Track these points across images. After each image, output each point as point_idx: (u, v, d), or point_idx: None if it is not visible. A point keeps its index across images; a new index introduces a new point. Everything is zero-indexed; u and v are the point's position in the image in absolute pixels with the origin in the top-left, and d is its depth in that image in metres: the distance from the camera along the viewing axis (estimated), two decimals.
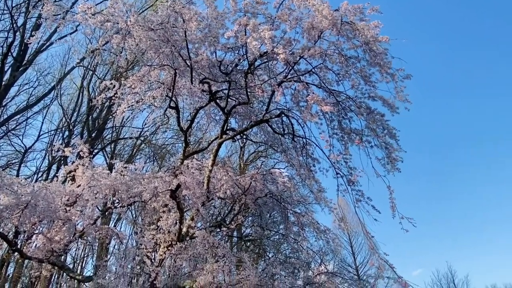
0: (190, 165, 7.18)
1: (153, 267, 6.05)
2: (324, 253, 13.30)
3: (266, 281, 5.68)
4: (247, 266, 6.11)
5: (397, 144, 5.54)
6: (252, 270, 5.94)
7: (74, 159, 7.96)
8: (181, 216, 6.24)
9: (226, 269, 5.77)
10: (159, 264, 6.12)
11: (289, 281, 6.05)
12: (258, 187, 8.28)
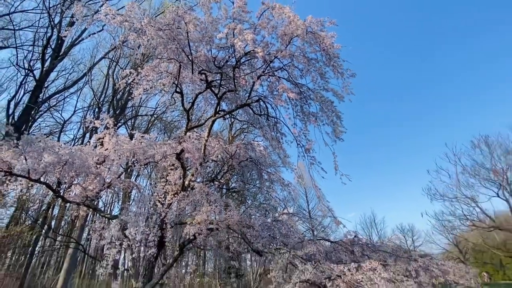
0: (191, 136, 7.13)
1: (163, 209, 6.12)
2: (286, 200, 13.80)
3: (245, 219, 5.84)
4: (232, 209, 6.26)
5: (341, 123, 5.67)
6: (235, 211, 6.09)
7: (103, 130, 7.79)
8: (184, 173, 6.25)
9: (216, 211, 5.90)
10: (168, 207, 6.19)
11: (261, 219, 6.25)
12: (241, 154, 8.38)
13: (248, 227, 5.66)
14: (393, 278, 3.10)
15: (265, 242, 5.41)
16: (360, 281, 3.01)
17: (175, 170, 6.68)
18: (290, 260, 3.90)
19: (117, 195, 13.73)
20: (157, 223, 6.43)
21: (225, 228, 5.92)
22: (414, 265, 4.18)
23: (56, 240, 19.54)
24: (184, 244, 6.71)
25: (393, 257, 4.61)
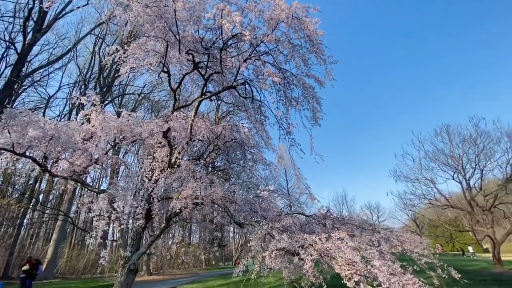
0: (178, 115, 6.95)
1: (150, 184, 6.05)
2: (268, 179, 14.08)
3: (229, 194, 5.91)
4: (216, 185, 6.29)
5: (320, 108, 5.73)
6: (219, 187, 6.13)
7: (89, 107, 7.43)
8: (171, 151, 6.15)
9: (202, 187, 5.90)
10: (155, 182, 6.13)
11: (244, 195, 6.34)
12: (226, 134, 8.32)
13: (231, 202, 5.74)
14: (358, 247, 3.30)
15: (246, 215, 5.54)
16: (329, 249, 3.18)
17: (162, 148, 6.55)
18: (268, 231, 4.03)
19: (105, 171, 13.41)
20: (145, 198, 6.37)
21: (209, 203, 5.98)
22: (377, 236, 4.45)
23: (45, 213, 19.03)
24: (171, 217, 6.73)
25: (360, 230, 4.88)
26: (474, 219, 18.25)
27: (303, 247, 3.32)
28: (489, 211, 17.32)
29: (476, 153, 18.04)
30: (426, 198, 20.51)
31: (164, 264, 25.44)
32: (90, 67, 18.90)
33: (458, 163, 18.81)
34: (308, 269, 3.12)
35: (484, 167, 17.93)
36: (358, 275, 2.77)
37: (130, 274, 6.33)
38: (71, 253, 21.55)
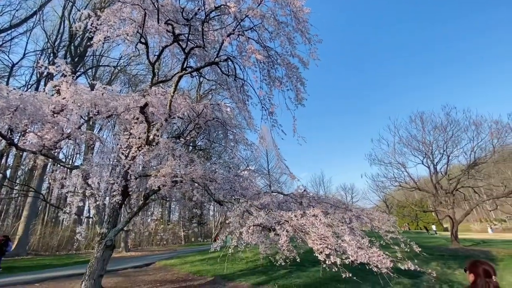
0: (157, 91, 6.66)
1: (127, 161, 5.88)
2: (249, 159, 14.23)
3: (209, 173, 5.90)
4: (196, 163, 6.25)
5: (304, 89, 5.71)
6: (199, 166, 6.10)
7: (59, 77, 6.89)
8: (149, 127, 5.94)
9: (181, 165, 5.83)
10: (132, 159, 5.96)
11: (224, 174, 6.37)
12: (208, 113, 8.16)
13: (211, 181, 5.75)
14: (331, 223, 3.49)
15: (226, 193, 5.60)
16: (304, 225, 3.34)
17: (139, 124, 6.31)
18: (247, 208, 4.13)
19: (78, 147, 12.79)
20: (121, 174, 6.21)
21: (189, 181, 5.94)
22: (349, 214, 4.72)
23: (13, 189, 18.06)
24: (149, 195, 6.66)
25: (333, 208, 5.13)
26: (437, 200, 19.80)
27: (279, 223, 3.46)
28: (451, 194, 18.83)
29: (445, 140, 19.22)
30: (397, 181, 21.82)
31: (143, 241, 25.55)
32: (59, 33, 17.25)
33: (428, 149, 19.98)
34: (283, 244, 3.27)
35: (451, 153, 19.23)
36: (329, 249, 2.96)
37: (107, 250, 6.30)
38: (44, 230, 20.95)
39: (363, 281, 7.82)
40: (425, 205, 33.63)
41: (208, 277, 9.40)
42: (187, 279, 9.26)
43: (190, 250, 19.90)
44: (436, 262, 11.74)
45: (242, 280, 8.73)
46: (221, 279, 9.01)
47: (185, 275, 9.93)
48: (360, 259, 2.86)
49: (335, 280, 7.99)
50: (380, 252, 2.92)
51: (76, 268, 11.28)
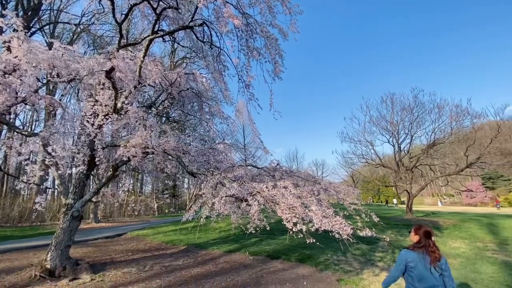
0: (125, 55, 6.13)
1: (92, 129, 5.52)
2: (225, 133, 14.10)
3: (182, 145, 5.77)
4: (169, 135, 6.07)
5: (282, 62, 5.59)
6: (172, 137, 5.93)
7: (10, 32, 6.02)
8: (116, 94, 5.54)
9: (152, 135, 5.62)
10: (98, 128, 5.60)
11: (198, 147, 6.28)
12: (182, 83, 7.77)
13: (184, 153, 5.66)
14: (300, 195, 3.66)
15: (200, 165, 5.57)
16: (274, 195, 3.47)
17: (105, 90, 5.86)
18: (220, 180, 4.17)
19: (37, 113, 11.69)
20: (86, 143, 5.86)
21: (161, 153, 5.79)
22: (317, 187, 4.97)
23: None
24: (118, 165, 6.42)
25: (304, 181, 5.36)
26: (398, 176, 21.56)
27: (252, 194, 3.55)
28: (410, 171, 20.57)
29: (410, 121, 20.49)
30: (364, 157, 23.20)
31: (114, 212, 25.13)
32: None
33: (395, 129, 21.23)
34: (254, 214, 3.40)
35: (415, 133, 20.66)
36: (296, 217, 3.13)
37: (73, 221, 6.12)
38: (3, 201, 19.65)
39: (326, 247, 8.51)
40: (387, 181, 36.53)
41: (181, 246, 9.63)
42: (160, 248, 9.41)
43: (164, 221, 20.04)
44: (391, 230, 13.08)
45: (214, 248, 9.08)
46: (194, 247, 9.29)
47: (158, 245, 10.08)
48: (324, 227, 3.09)
49: (301, 247, 8.62)
50: (342, 221, 3.17)
51: (41, 240, 10.89)
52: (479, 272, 6.12)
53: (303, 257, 7.51)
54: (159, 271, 6.30)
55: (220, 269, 6.58)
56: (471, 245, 9.68)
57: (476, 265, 6.78)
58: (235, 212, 4.06)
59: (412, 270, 2.44)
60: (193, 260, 7.50)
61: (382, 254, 7.98)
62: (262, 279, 5.76)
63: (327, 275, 6.01)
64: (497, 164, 20.27)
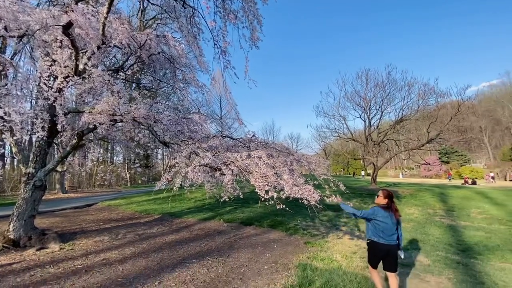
0: (86, 9, 5.44)
1: (51, 92, 5.02)
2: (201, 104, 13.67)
3: (153, 113, 5.50)
4: (139, 102, 5.74)
5: (260, 28, 5.34)
6: (143, 105, 5.62)
7: None
8: (76, 53, 5.00)
9: (121, 102, 5.27)
10: (58, 92, 5.11)
11: (171, 115, 6.03)
12: (153, 45, 7.18)
13: (155, 122, 5.42)
14: (273, 164, 3.76)
15: (173, 135, 5.41)
16: (248, 165, 3.53)
17: (63, 48, 5.25)
18: (194, 150, 4.11)
19: None
20: (45, 108, 5.37)
21: (130, 121, 5.49)
22: (290, 158, 5.12)
23: None
24: (83, 133, 6.03)
25: (278, 152, 5.48)
26: (366, 150, 22.88)
27: (226, 164, 3.57)
28: (378, 145, 21.89)
29: (382, 98, 21.32)
30: (336, 132, 24.11)
31: (83, 182, 24.18)
32: None
33: (367, 104, 22.02)
34: (227, 183, 3.45)
35: (385, 109, 21.64)
36: (268, 186, 3.24)
37: (36, 191, 5.80)
38: None
39: (296, 214, 9.06)
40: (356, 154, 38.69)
41: (155, 215, 9.67)
42: (133, 217, 9.38)
43: (137, 191, 19.77)
44: (356, 199, 14.18)
45: (189, 216, 9.25)
46: (169, 216, 9.39)
47: (131, 214, 10.02)
48: (294, 194, 3.25)
49: (273, 214, 9.09)
50: (311, 188, 3.35)
51: (1, 211, 10.28)
52: (427, 234, 6.96)
53: (274, 223, 7.96)
54: (133, 239, 6.34)
55: (194, 235, 6.78)
56: (423, 211, 10.87)
57: (426, 228, 7.68)
58: (209, 182, 4.10)
59: (379, 224, 3.15)
60: (167, 228, 7.62)
61: (346, 220, 8.69)
62: (236, 243, 6.06)
63: (296, 239, 6.47)
64: (454, 141, 22.22)
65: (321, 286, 3.70)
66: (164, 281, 3.98)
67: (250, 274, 4.27)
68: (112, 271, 4.37)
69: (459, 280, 3.98)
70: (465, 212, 10.55)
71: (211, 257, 5.05)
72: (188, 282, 3.97)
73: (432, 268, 4.53)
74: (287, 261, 4.87)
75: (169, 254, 5.24)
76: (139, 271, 4.40)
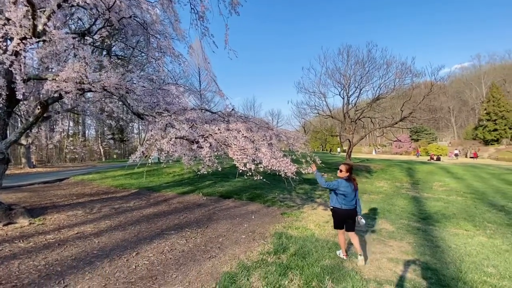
0: None
1: (6, 56, 4.49)
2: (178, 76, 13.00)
3: (125, 83, 5.16)
4: (109, 69, 5.34)
5: None
6: (114, 73, 5.23)
7: None
8: (34, 11, 4.43)
9: (88, 69, 4.86)
10: (14, 55, 4.58)
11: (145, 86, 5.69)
12: (123, 8, 6.54)
13: (128, 92, 5.10)
14: (252, 137, 3.75)
15: (147, 106, 5.16)
16: (227, 137, 3.49)
17: (18, 5, 4.63)
18: (170, 122, 3.96)
19: None
20: (1, 73, 4.84)
21: (100, 90, 5.13)
22: (270, 133, 5.14)
23: None
24: (48, 102, 5.57)
25: (257, 127, 5.47)
26: (343, 127, 23.59)
27: (203, 136, 3.50)
28: (354, 122, 22.59)
29: (361, 75, 21.60)
30: (316, 109, 24.41)
31: (52, 157, 22.90)
32: None
33: (347, 82, 22.27)
34: (205, 155, 3.41)
35: (363, 87, 22.06)
36: (247, 158, 3.26)
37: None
38: None
39: (274, 187, 9.36)
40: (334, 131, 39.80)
41: (132, 189, 9.51)
42: (108, 191, 9.17)
43: (112, 166, 19.17)
44: (331, 173, 14.84)
45: (168, 190, 9.22)
46: (146, 190, 9.29)
47: (107, 188, 9.78)
48: (272, 166, 3.31)
49: (252, 188, 9.32)
50: (288, 160, 3.42)
51: None
52: (394, 205, 7.54)
53: (253, 196, 8.18)
54: (109, 213, 6.24)
55: (173, 208, 6.81)
56: (391, 184, 11.68)
57: (393, 199, 8.31)
58: (186, 155, 4.03)
59: (342, 192, 3.63)
60: (145, 202, 7.56)
61: (321, 193, 9.14)
62: (214, 215, 6.19)
63: (273, 210, 6.74)
64: (424, 119, 23.46)
65: (294, 252, 3.94)
66: (142, 252, 4.03)
67: (228, 243, 4.43)
68: (87, 244, 4.32)
69: (418, 244, 4.41)
70: (428, 185, 11.49)
71: (190, 229, 5.14)
72: (166, 252, 4.04)
73: (395, 234, 4.96)
74: (264, 230, 5.08)
75: (147, 227, 5.26)
76: (116, 243, 4.39)
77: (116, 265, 3.61)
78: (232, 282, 3.08)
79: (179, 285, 3.09)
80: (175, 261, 3.73)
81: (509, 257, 3.92)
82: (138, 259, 3.80)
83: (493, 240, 4.65)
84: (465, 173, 15.71)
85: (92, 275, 3.34)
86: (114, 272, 3.42)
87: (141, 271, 3.46)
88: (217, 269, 3.48)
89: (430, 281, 3.17)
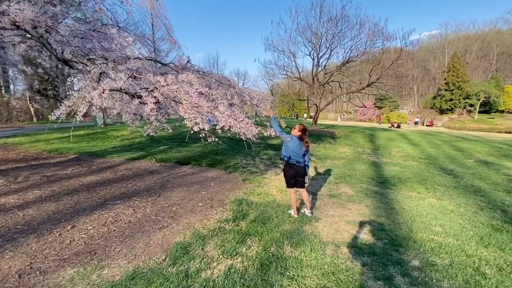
0: None
1: None
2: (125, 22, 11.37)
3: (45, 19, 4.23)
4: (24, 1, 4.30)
5: None
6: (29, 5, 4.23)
7: None
8: None
9: None
10: None
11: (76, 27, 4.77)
12: None
13: (48, 31, 4.21)
14: (211, 97, 3.41)
15: (77, 51, 4.37)
16: (175, 91, 3.10)
17: None
18: (105, 70, 3.38)
19: None
20: None
21: (10, 27, 4.16)
22: (231, 91, 4.79)
23: None
24: None
25: (217, 83, 5.06)
26: (311, 91, 23.87)
27: (147, 90, 3.06)
28: (323, 86, 22.93)
29: (333, 35, 21.42)
30: (285, 70, 24.06)
31: None
32: None
33: (318, 41, 21.98)
34: (149, 113, 3.02)
35: (334, 48, 22.05)
36: (201, 118, 2.96)
37: None
38: None
39: (238, 153, 9.25)
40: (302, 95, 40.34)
41: (70, 154, 8.64)
42: (39, 157, 8.20)
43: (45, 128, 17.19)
44: None
45: (114, 156, 8.56)
46: (88, 156, 8.51)
47: (37, 153, 8.73)
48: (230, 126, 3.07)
49: (213, 153, 9.10)
50: (249, 121, 3.21)
51: None
52: (355, 170, 8.01)
53: (214, 162, 8.00)
54: (39, 182, 5.58)
55: (120, 176, 6.36)
56: (354, 150, 12.40)
57: (354, 165, 8.82)
58: (127, 112, 3.56)
59: (289, 147, 4.03)
60: (86, 169, 6.93)
61: None
62: (169, 183, 5.93)
63: (234, 176, 6.68)
64: (390, 86, 24.75)
65: (254, 218, 3.96)
66: (80, 225, 3.68)
67: (183, 211, 4.28)
68: (8, 218, 3.81)
69: (375, 207, 4.76)
70: (388, 151, 12.46)
71: (139, 198, 4.85)
72: (109, 224, 3.76)
73: (354, 197, 5.28)
74: (223, 197, 5.02)
75: (86, 197, 4.82)
76: (46, 216, 3.95)
77: (46, 241, 3.25)
78: (185, 253, 2.98)
79: (123, 259, 2.89)
80: (120, 234, 3.49)
81: (454, 216, 4.43)
82: (74, 233, 3.47)
83: (441, 202, 5.21)
84: (421, 140, 17.34)
85: (14, 253, 2.96)
86: (43, 249, 3.07)
87: (77, 246, 3.16)
88: (169, 240, 3.33)
89: (383, 241, 3.43)
